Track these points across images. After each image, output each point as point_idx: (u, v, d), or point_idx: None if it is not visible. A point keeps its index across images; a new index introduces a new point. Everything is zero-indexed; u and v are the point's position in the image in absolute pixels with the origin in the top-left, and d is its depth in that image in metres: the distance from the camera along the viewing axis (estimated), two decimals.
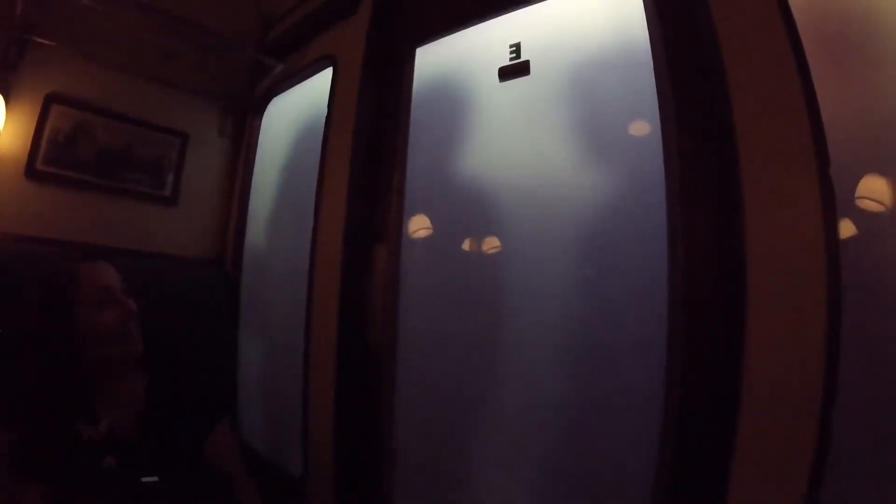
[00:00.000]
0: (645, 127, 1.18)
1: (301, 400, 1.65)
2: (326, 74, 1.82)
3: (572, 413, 1.20)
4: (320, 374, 1.60)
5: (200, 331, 1.96)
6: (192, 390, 1.39)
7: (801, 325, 0.87)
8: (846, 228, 0.91)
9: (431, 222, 1.54)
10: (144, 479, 1.19)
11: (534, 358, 1.27)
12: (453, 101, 1.55)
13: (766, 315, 0.91)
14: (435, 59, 1.63)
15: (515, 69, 1.41)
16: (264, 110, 2.22)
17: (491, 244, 1.41)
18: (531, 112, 1.39)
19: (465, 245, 1.45)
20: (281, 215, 1.99)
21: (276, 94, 2.15)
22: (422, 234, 1.54)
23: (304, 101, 1.98)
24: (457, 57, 1.58)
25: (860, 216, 0.93)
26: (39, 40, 1.80)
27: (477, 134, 1.49)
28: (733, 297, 0.94)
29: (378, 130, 1.63)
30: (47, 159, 1.87)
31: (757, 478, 0.89)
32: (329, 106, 1.73)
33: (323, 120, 1.75)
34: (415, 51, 1.65)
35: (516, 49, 1.42)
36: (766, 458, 0.88)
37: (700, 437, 0.98)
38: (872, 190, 0.94)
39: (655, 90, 1.15)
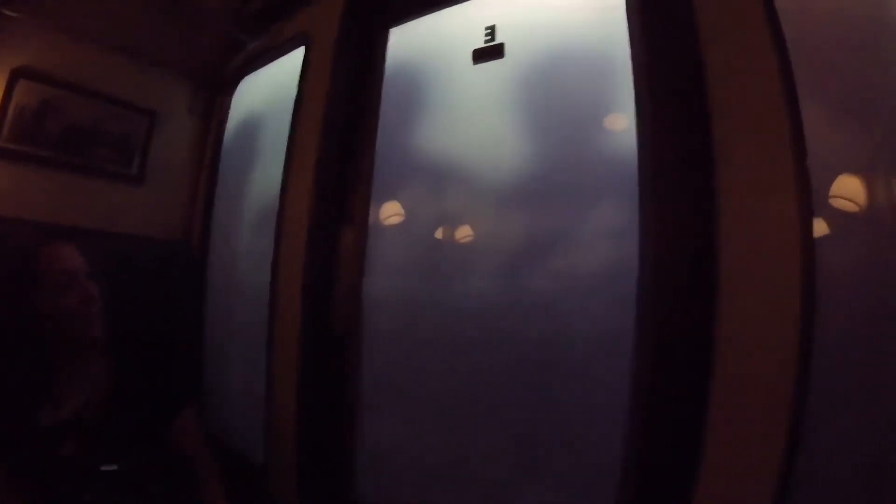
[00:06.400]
0: (620, 117, 1.17)
1: (264, 385, 1.63)
2: (300, 53, 1.77)
3: (539, 404, 1.19)
4: (283, 359, 1.58)
5: (166, 314, 1.95)
6: (155, 375, 1.37)
7: (774, 324, 0.87)
8: (822, 226, 0.91)
9: (400, 205, 1.51)
10: (104, 468, 1.18)
11: (502, 345, 1.25)
12: (426, 83, 1.52)
13: (739, 313, 0.91)
14: (409, 39, 1.59)
15: (489, 51, 1.39)
16: (235, 88, 2.16)
17: (460, 229, 1.39)
18: (504, 95, 1.37)
19: (434, 229, 1.43)
20: (248, 196, 1.95)
21: (247, 72, 2.09)
22: (390, 217, 1.52)
23: (277, 79, 1.93)
24: (431, 38, 1.55)
25: (836, 214, 0.92)
26: (5, 12, 1.73)
27: (449, 117, 1.46)
28: (704, 294, 0.93)
29: (348, 112, 1.59)
30: (13, 136, 1.82)
31: (726, 478, 0.89)
32: (299, 85, 1.69)
33: (293, 100, 1.71)
34: (388, 31, 1.61)
35: (491, 31, 1.40)
36: (736, 458, 0.89)
37: (668, 436, 0.98)
38: (848, 188, 0.94)
39: (632, 80, 1.13)
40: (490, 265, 1.31)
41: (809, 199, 0.88)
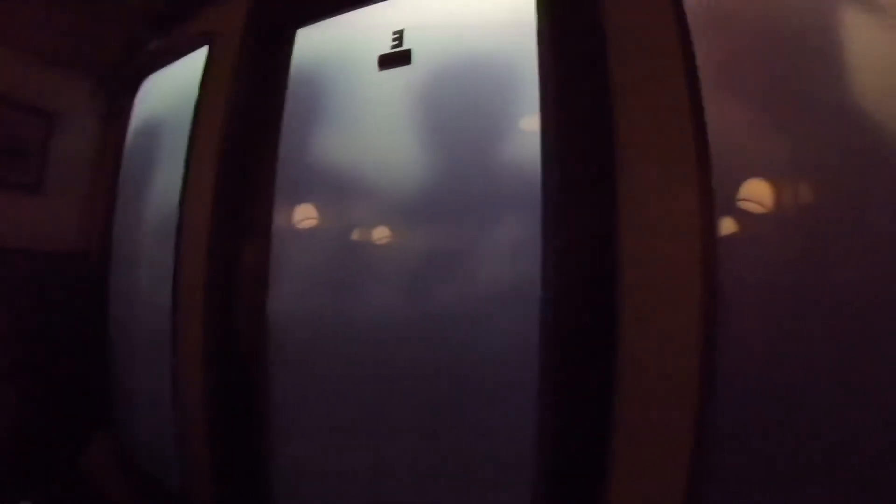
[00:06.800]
0: (527, 126, 1.16)
1: (172, 406, 1.55)
2: (203, 53, 1.68)
3: (451, 410, 1.18)
4: (189, 378, 1.50)
5: (68, 335, 1.82)
6: (62, 401, 1.33)
7: (676, 327, 0.89)
8: (725, 228, 0.93)
9: (303, 215, 1.45)
10: None
11: (409, 357, 1.24)
12: (331, 87, 1.46)
13: (641, 317, 0.92)
14: (315, 41, 1.52)
15: (396, 57, 1.35)
16: (137, 89, 2.03)
17: (365, 240, 1.35)
18: (410, 103, 1.33)
19: (339, 240, 1.38)
20: (150, 204, 1.83)
21: (150, 72, 1.96)
22: (293, 227, 1.45)
23: (181, 80, 1.82)
24: (338, 41, 1.49)
25: (741, 217, 0.95)
26: None
27: (353, 123, 1.41)
28: (607, 301, 0.95)
29: (251, 116, 1.51)
30: None
31: (636, 478, 0.91)
32: (201, 87, 1.60)
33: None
34: (295, 32, 1.53)
35: (399, 37, 1.36)
36: (645, 458, 0.90)
37: (578, 439, 0.99)
38: (753, 191, 0.96)
39: (539, 89, 1.13)
40: (395, 276, 1.28)
41: (712, 205, 0.90)
